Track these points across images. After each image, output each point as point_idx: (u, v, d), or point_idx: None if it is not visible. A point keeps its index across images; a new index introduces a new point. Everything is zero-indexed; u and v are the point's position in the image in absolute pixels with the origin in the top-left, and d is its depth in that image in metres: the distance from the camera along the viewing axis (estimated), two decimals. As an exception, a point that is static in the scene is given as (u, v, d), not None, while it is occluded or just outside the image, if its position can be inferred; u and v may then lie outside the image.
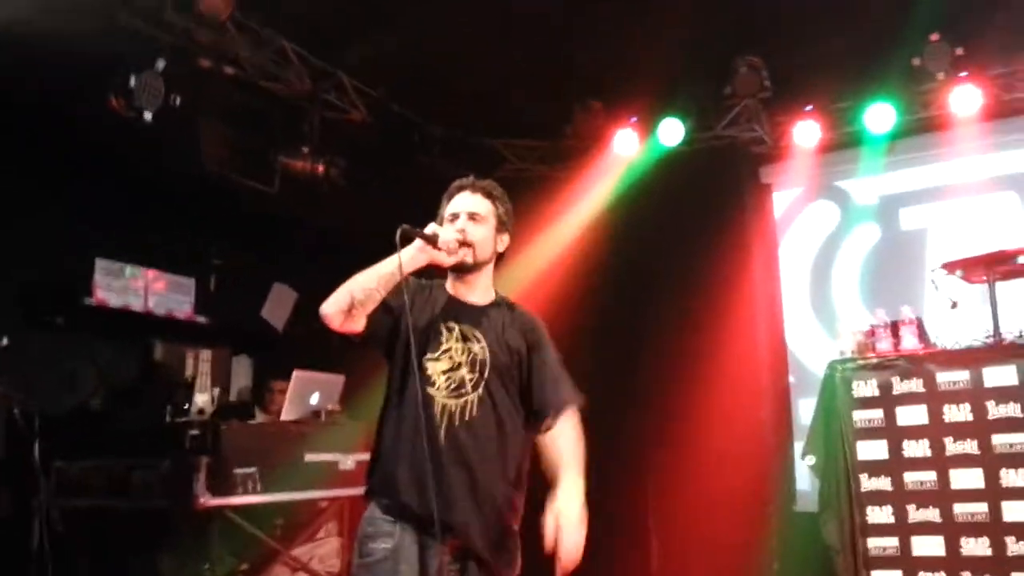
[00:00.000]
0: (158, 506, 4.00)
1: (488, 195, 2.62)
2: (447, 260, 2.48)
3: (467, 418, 2.42)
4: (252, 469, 4.04)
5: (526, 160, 6.76)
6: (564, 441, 2.52)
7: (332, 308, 2.39)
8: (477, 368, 2.46)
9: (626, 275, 6.26)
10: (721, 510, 5.67)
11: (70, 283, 4.87)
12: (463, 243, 2.50)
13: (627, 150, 6.28)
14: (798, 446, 5.39)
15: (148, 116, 4.23)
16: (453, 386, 2.44)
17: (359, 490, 4.59)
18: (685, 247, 6.15)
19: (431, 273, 2.62)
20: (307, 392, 4.66)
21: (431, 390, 2.42)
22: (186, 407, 4.13)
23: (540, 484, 2.52)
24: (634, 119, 6.25)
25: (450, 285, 2.61)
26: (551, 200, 6.28)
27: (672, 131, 6.13)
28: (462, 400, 2.43)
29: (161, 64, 4.28)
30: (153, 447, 4.09)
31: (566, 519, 2.33)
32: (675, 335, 6.09)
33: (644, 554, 5.97)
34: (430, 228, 2.47)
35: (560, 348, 2.75)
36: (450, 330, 2.50)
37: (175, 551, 4.07)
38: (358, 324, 2.42)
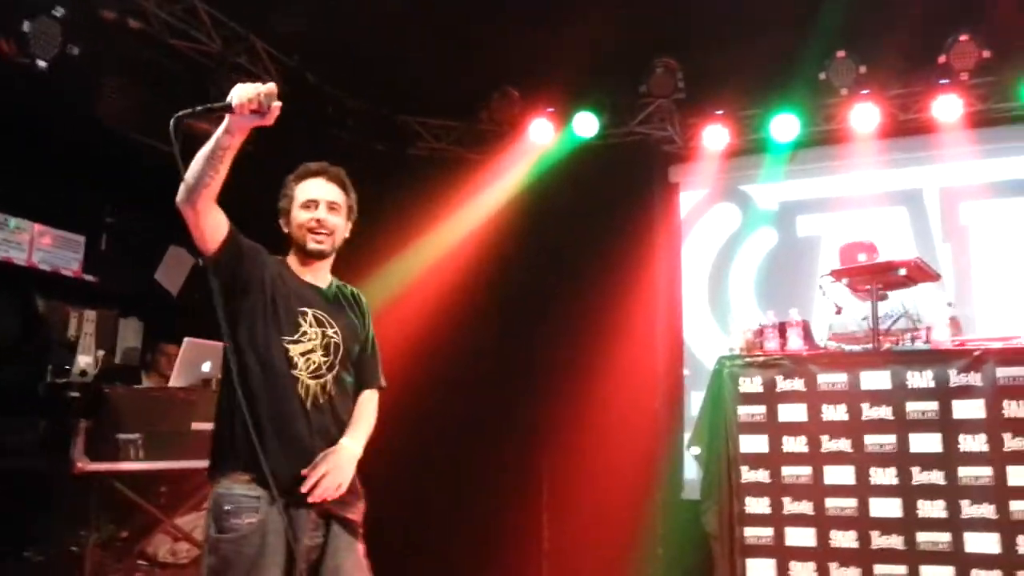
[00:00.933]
0: (34, 468, 3.85)
1: (342, 184, 2.71)
2: (268, 119, 2.36)
3: (325, 398, 2.58)
4: (136, 435, 3.91)
5: (440, 140, 6.74)
6: (365, 408, 2.76)
7: (180, 196, 2.41)
8: (331, 351, 2.61)
9: (533, 260, 6.32)
10: (612, 494, 5.80)
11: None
12: (319, 232, 2.61)
13: (542, 138, 6.34)
14: (688, 437, 5.56)
15: (42, 64, 4.03)
16: (313, 368, 2.57)
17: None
18: (592, 238, 6.26)
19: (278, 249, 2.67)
20: (198, 360, 4.53)
21: (295, 371, 2.54)
22: (67, 368, 3.96)
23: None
24: (550, 109, 6.31)
25: (295, 267, 2.68)
26: (463, 182, 6.28)
27: (587, 124, 6.22)
28: (321, 380, 2.58)
29: (59, 11, 4.07)
30: (31, 407, 3.93)
31: (327, 466, 2.51)
32: (577, 322, 6.19)
33: (536, 532, 6.06)
34: (230, 96, 2.35)
35: (464, 327, 2.86)
36: (304, 315, 2.60)
37: (52, 515, 3.93)
38: (212, 228, 2.44)
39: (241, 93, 2.32)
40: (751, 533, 4.24)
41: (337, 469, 2.53)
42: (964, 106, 5.61)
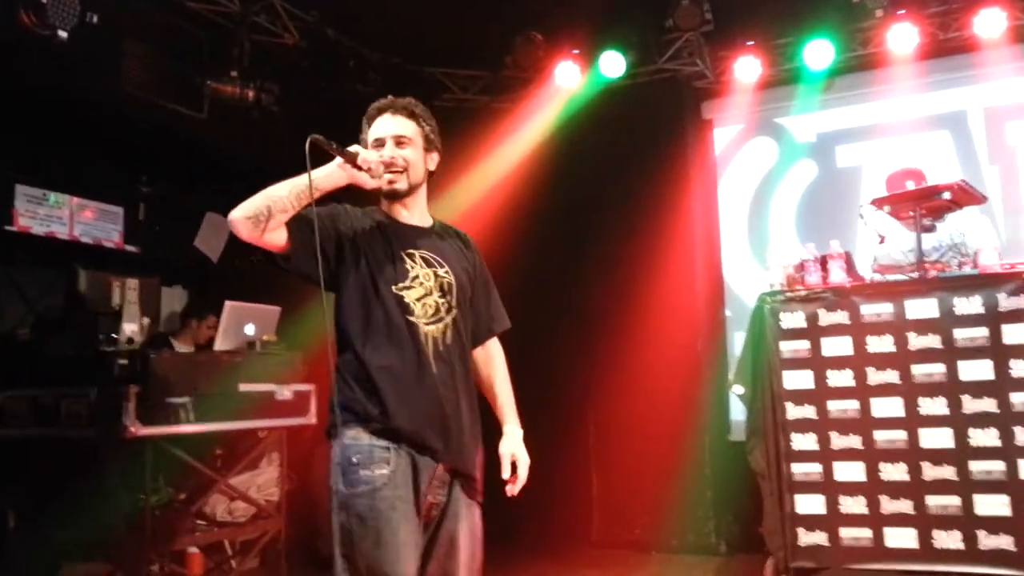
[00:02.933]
0: (87, 436, 3.95)
1: (411, 115, 2.53)
2: (369, 183, 2.38)
3: (448, 342, 2.44)
4: (185, 399, 4.00)
5: (467, 90, 6.66)
6: (499, 365, 2.67)
7: (239, 214, 2.24)
8: (447, 291, 2.46)
9: (567, 205, 6.25)
10: (658, 438, 5.81)
11: (-11, 210, 4.68)
12: (390, 167, 2.43)
13: (568, 82, 6.22)
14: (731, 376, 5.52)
15: (63, 35, 4.02)
16: (431, 312, 2.42)
17: (296, 420, 4.67)
18: (626, 179, 6.17)
19: (357, 197, 2.51)
20: (241, 323, 4.60)
21: (412, 318, 2.39)
22: (115, 336, 4.04)
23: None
24: (575, 51, 6.18)
25: (388, 210, 2.54)
26: (492, 130, 6.22)
27: (613, 64, 6.08)
28: (441, 324, 2.43)
29: (76, -21, 4.06)
30: (81, 376, 4.02)
31: (521, 462, 2.53)
32: (614, 266, 6.14)
33: (585, 477, 6.11)
34: (353, 148, 2.36)
35: (500, 273, 2.80)
36: (411, 256, 2.45)
37: (108, 480, 4.04)
38: (275, 238, 2.28)
39: (367, 156, 2.36)
40: (799, 469, 4.23)
41: (523, 459, 2.54)
42: (1007, 20, 5.37)
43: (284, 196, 2.26)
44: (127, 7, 4.61)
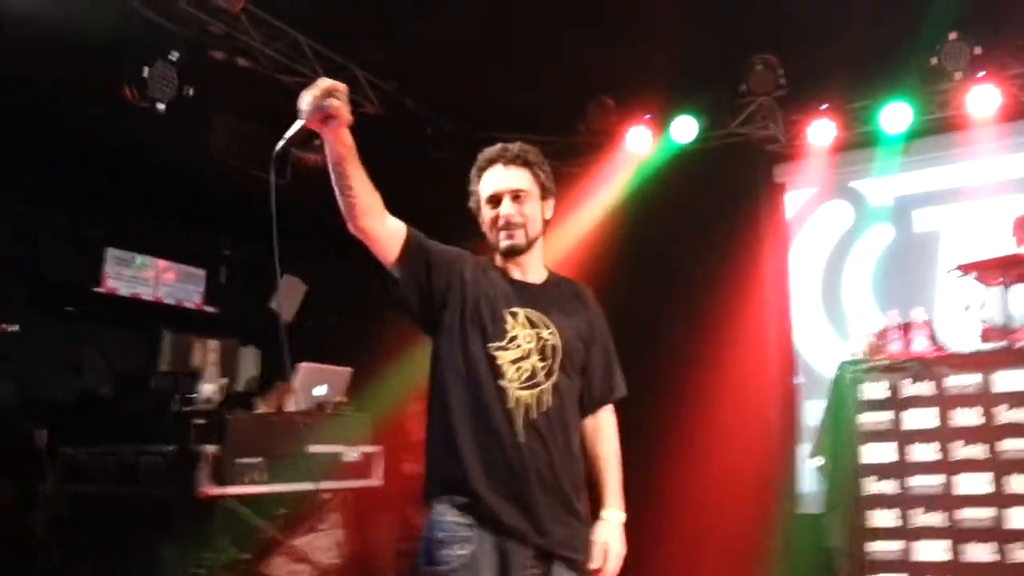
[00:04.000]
0: (162, 494, 4.04)
1: (525, 163, 2.38)
2: (341, 112, 2.10)
3: (544, 409, 2.24)
4: (256, 459, 4.07)
5: (539, 156, 6.74)
6: (608, 440, 2.47)
7: (348, 223, 2.21)
8: (549, 355, 2.27)
9: (638, 271, 6.22)
10: (729, 509, 5.63)
11: (80, 272, 4.90)
12: (508, 227, 2.31)
13: (640, 147, 6.26)
14: (805, 448, 5.36)
15: (161, 107, 4.25)
16: (526, 376, 2.23)
17: (362, 482, 4.70)
18: (697, 245, 6.14)
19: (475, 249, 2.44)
20: (313, 384, 4.68)
21: (502, 382, 2.22)
22: (193, 396, 4.15)
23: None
24: (647, 116, 6.23)
25: (502, 264, 2.39)
26: (563, 195, 6.15)
27: (686, 128, 6.11)
28: (537, 391, 2.24)
29: (175, 55, 4.30)
30: (159, 435, 4.13)
31: (612, 553, 2.36)
32: (685, 333, 6.07)
33: (654, 549, 5.94)
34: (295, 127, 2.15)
35: None
36: (514, 315, 2.28)
37: (177, 539, 4.10)
38: (378, 234, 2.20)
39: (302, 106, 2.12)
40: (878, 547, 4.05)
41: (622, 552, 2.36)
42: (1093, 83, 5.23)
43: (337, 189, 2.16)
44: (220, 80, 4.85)
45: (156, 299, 5.10)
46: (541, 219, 2.40)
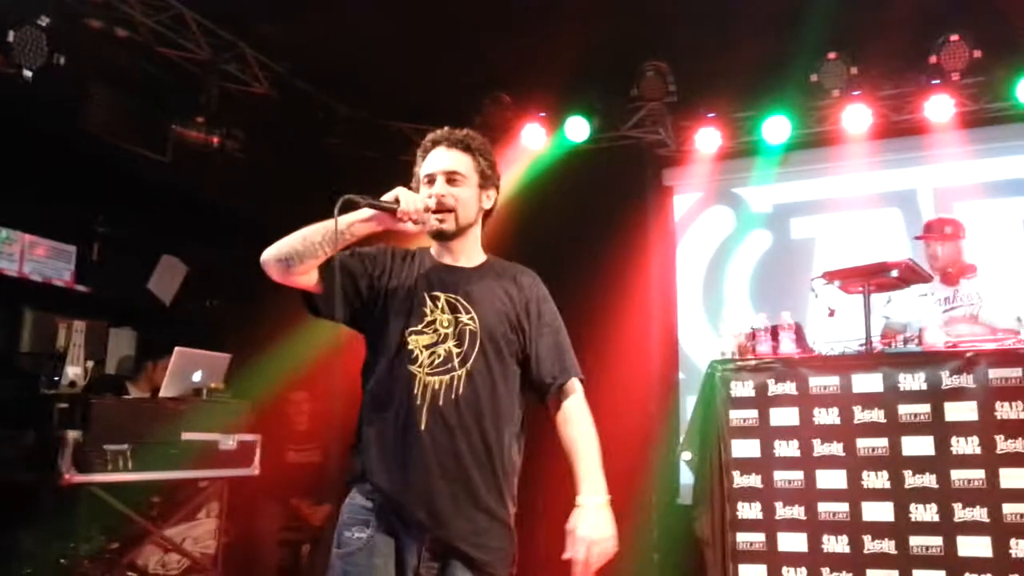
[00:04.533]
0: (22, 480, 3.84)
1: (467, 148, 2.37)
2: (412, 229, 2.21)
3: (453, 396, 2.20)
4: (124, 446, 3.92)
5: (433, 146, 6.71)
6: (575, 424, 2.39)
7: (270, 255, 2.18)
8: (467, 340, 2.23)
9: (529, 264, 6.25)
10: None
11: (-63, 244, 4.60)
12: (439, 210, 2.27)
13: (534, 143, 6.33)
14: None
15: (28, 74, 4.03)
16: (438, 361, 2.21)
17: (240, 471, 4.59)
18: (587, 242, 6.24)
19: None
20: (189, 369, 4.53)
21: (412, 367, 2.20)
22: (56, 379, 3.96)
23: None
24: (542, 114, 6.30)
25: (434, 250, 2.38)
26: (455, 187, 6.25)
27: (578, 128, 6.20)
28: (448, 376, 2.20)
29: (45, 20, 4.07)
30: (19, 419, 3.92)
31: (588, 540, 2.26)
32: (571, 327, 6.09)
33: (530, 534, 6.02)
34: (393, 194, 2.19)
35: None
36: (434, 300, 2.26)
37: (39, 527, 3.92)
38: (305, 279, 2.19)
39: (408, 202, 2.17)
40: (743, 538, 4.22)
41: (595, 537, 2.23)
42: (956, 106, 5.59)
43: (316, 241, 2.15)
44: (96, 50, 4.64)
45: (21, 275, 4.82)
46: (476, 205, 2.38)
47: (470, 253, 2.39)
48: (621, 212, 6.33)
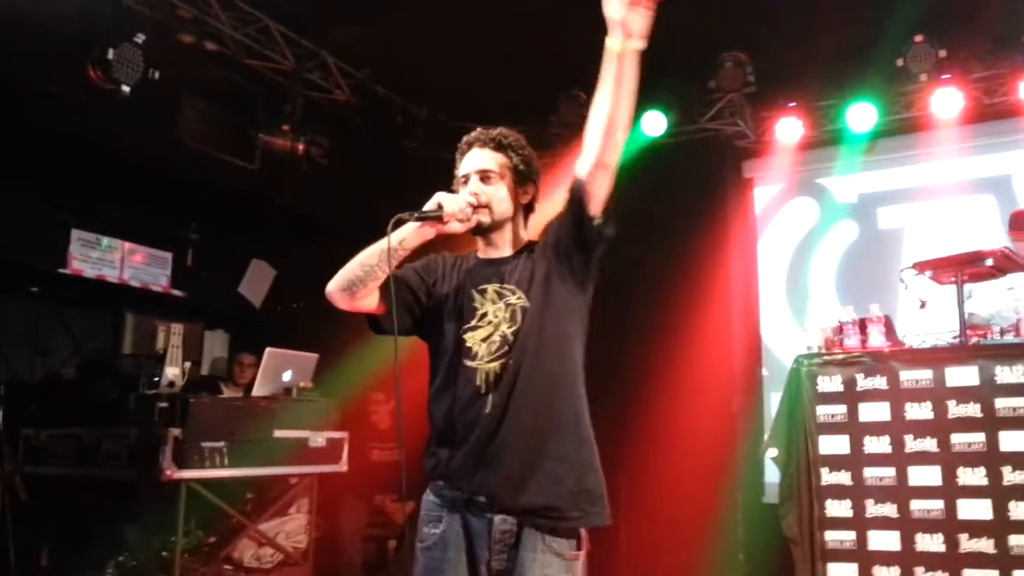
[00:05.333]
0: (125, 477, 4.04)
1: (499, 147, 2.42)
2: (460, 228, 2.31)
3: (514, 376, 2.22)
4: (220, 443, 4.08)
5: (510, 146, 6.76)
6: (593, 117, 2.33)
7: (333, 286, 2.28)
8: (519, 317, 2.27)
9: (608, 263, 6.24)
10: (690, 498, 5.72)
11: (46, 253, 4.87)
12: (477, 206, 2.33)
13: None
14: (766, 438, 5.44)
15: (126, 89, 4.23)
16: (495, 348, 2.25)
17: (329, 467, 4.72)
18: (666, 237, 6.19)
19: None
20: (279, 369, 4.69)
21: (473, 363, 2.25)
22: (157, 380, 4.15)
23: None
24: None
25: (479, 249, 2.45)
26: (533, 186, 6.28)
27: (655, 123, 6.15)
28: (506, 359, 2.23)
29: (141, 37, 4.27)
30: (122, 418, 4.12)
31: None
32: (653, 324, 6.13)
33: (613, 536, 6.03)
34: (434, 200, 2.28)
35: None
36: (483, 293, 2.32)
37: (140, 522, 4.12)
38: (368, 302, 2.29)
39: (450, 204, 2.27)
40: (832, 537, 4.13)
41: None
42: (1053, 86, 5.34)
43: (373, 264, 2.25)
44: (187, 64, 4.83)
45: (122, 281, 5.07)
46: (511, 201, 2.41)
47: (507, 245, 2.43)
48: (701, 206, 6.25)
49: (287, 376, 4.75)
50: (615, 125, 2.30)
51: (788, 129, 6.06)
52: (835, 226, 6.20)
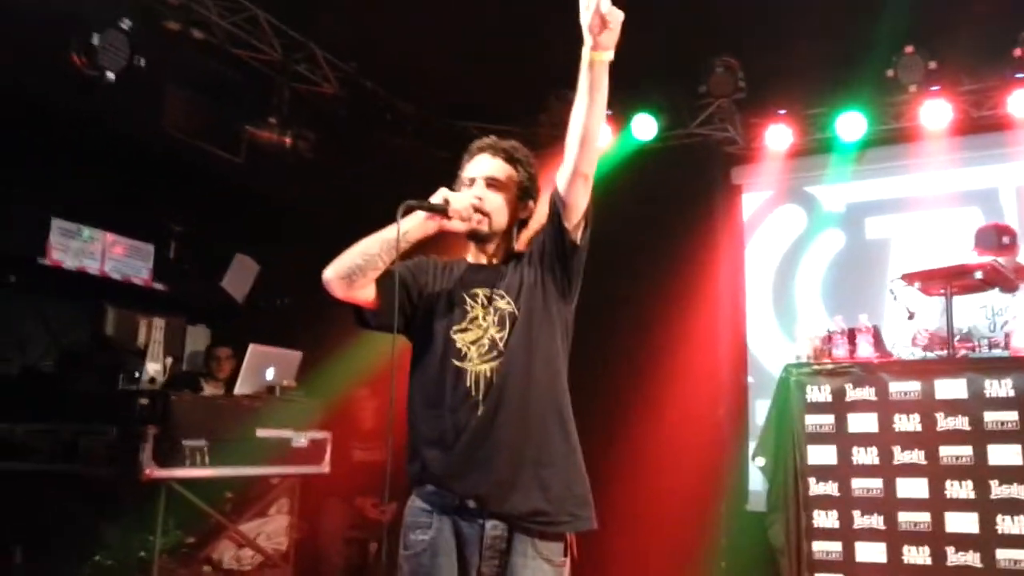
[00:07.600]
0: (103, 474, 3.94)
1: (510, 159, 2.44)
2: (460, 227, 2.33)
3: (504, 377, 2.24)
4: (201, 442, 3.99)
5: (499, 145, 6.71)
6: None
7: (332, 273, 2.26)
8: (507, 322, 2.29)
9: (594, 264, 6.19)
10: (674, 505, 5.69)
11: (24, 242, 4.74)
12: (478, 210, 2.35)
13: (601, 141, 6.25)
14: (753, 446, 5.43)
15: (111, 76, 4.12)
16: (484, 351, 2.27)
17: (311, 468, 4.65)
18: (654, 242, 6.16)
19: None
20: (262, 367, 4.61)
21: (462, 363, 2.26)
22: (137, 375, 4.05)
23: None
24: (608, 112, 6.21)
25: (471, 254, 2.46)
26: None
27: (645, 126, 6.13)
28: (496, 362, 2.25)
29: (126, 23, 4.16)
30: (102, 414, 4.02)
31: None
32: (638, 329, 6.10)
33: (597, 543, 5.99)
34: (439, 195, 2.31)
35: None
36: (474, 296, 2.34)
37: (119, 520, 4.03)
38: (365, 294, 2.28)
39: (456, 201, 2.30)
40: (819, 548, 4.13)
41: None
42: (1042, 101, 5.37)
43: (376, 252, 2.25)
44: (174, 52, 4.73)
45: (102, 273, 4.95)
46: (510, 213, 2.42)
47: (503, 254, 2.46)
48: (689, 211, 6.23)
49: (270, 374, 4.67)
50: (590, 134, 2.29)
51: (778, 136, 6.07)
52: (822, 235, 6.21)
